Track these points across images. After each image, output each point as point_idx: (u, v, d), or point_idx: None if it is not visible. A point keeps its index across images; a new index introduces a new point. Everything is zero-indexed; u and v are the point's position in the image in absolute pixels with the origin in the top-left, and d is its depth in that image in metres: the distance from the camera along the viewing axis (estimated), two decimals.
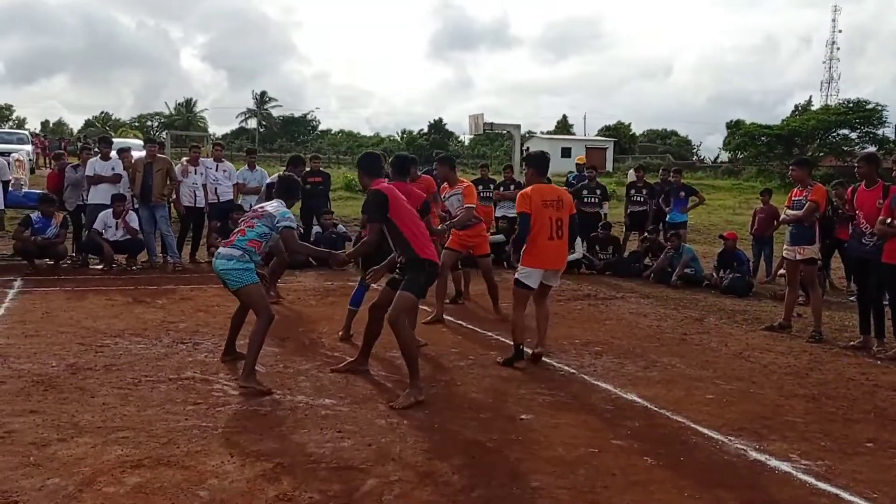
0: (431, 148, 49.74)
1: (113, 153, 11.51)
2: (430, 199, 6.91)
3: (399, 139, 73.19)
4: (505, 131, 23.84)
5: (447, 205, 7.99)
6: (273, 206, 5.65)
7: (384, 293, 5.60)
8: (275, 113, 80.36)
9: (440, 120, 68.49)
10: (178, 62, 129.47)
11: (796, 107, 60.14)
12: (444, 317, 7.93)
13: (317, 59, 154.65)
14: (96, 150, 11.96)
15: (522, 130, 20.87)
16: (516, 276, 6.27)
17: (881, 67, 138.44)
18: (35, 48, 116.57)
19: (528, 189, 6.31)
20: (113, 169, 11.31)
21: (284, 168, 10.04)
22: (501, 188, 13.53)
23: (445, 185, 8.14)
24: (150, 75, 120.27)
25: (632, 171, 16.25)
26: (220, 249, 5.48)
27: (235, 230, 5.64)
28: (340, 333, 6.91)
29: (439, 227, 7.10)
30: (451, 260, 8.03)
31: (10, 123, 64.31)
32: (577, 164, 14.62)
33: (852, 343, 7.35)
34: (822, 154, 40.95)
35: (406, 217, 5.27)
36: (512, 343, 6.23)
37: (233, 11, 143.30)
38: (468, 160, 55.80)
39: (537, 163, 6.55)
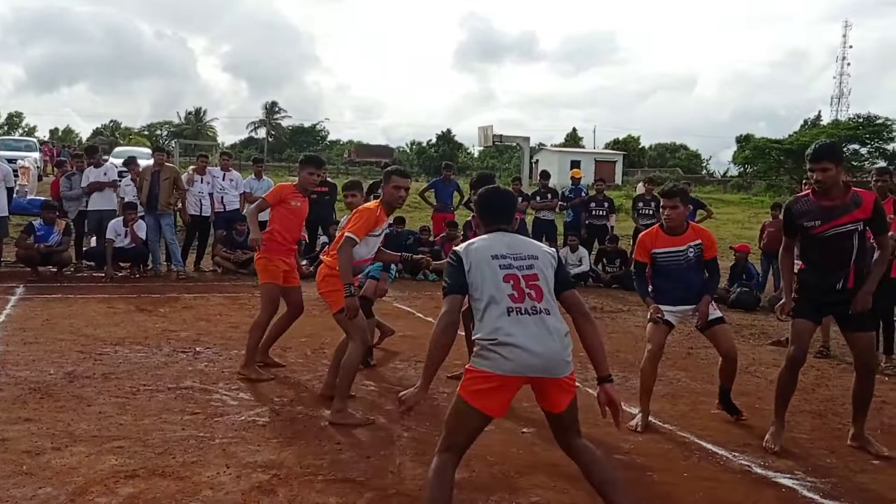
0: (441, 159, 49.78)
1: (115, 161, 11.55)
2: None
3: (409, 150, 73.42)
4: (514, 144, 23.82)
5: None
6: None
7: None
8: (284, 123, 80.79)
9: (449, 131, 68.67)
10: (198, 72, 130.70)
11: (805, 121, 59.97)
12: None
13: (339, 70, 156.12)
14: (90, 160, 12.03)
15: (533, 143, 20.85)
16: None
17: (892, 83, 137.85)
18: (57, 56, 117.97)
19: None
20: (105, 174, 11.41)
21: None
22: (538, 198, 13.40)
23: None
24: (169, 85, 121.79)
25: (641, 184, 16.14)
26: None
27: None
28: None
29: None
30: None
31: (20, 131, 64.77)
32: (571, 178, 14.55)
33: None
34: None
35: None
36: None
37: (257, 22, 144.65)
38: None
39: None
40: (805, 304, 4.67)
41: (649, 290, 5.27)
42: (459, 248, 3.22)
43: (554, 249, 3.35)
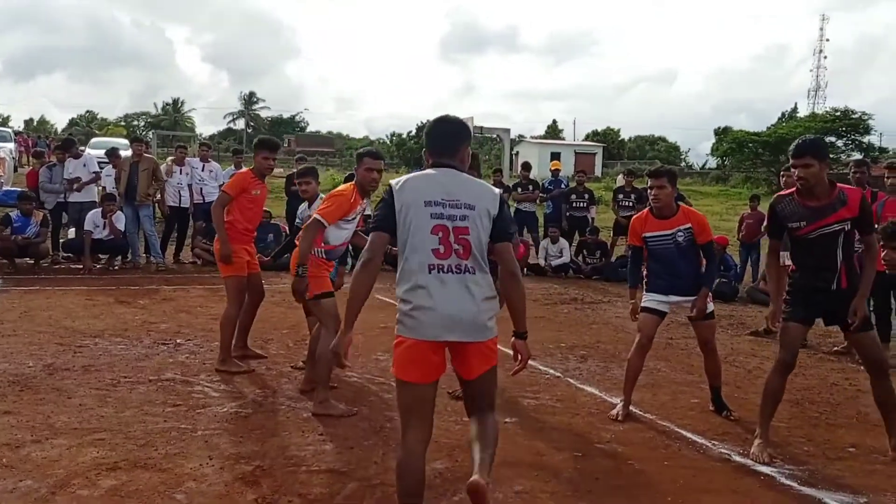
0: (420, 150, 49.51)
1: (93, 152, 11.45)
2: None
3: (388, 142, 73.14)
4: (495, 135, 23.79)
5: None
6: None
7: None
8: (263, 114, 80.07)
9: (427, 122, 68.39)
10: (177, 62, 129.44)
11: (783, 114, 60.49)
12: None
13: (321, 61, 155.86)
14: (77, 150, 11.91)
15: (514, 135, 20.83)
16: None
17: (872, 78, 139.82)
18: (33, 46, 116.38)
19: None
20: (85, 165, 11.33)
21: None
22: (519, 189, 13.37)
23: None
24: (148, 75, 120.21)
25: (620, 176, 16.18)
26: None
27: None
28: None
29: None
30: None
31: None
32: (551, 171, 14.60)
33: (836, 348, 7.36)
34: None
35: None
36: None
37: (238, 12, 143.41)
38: None
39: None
40: (797, 306, 4.43)
41: (643, 276, 5.27)
42: (395, 182, 2.98)
43: (499, 192, 3.07)
